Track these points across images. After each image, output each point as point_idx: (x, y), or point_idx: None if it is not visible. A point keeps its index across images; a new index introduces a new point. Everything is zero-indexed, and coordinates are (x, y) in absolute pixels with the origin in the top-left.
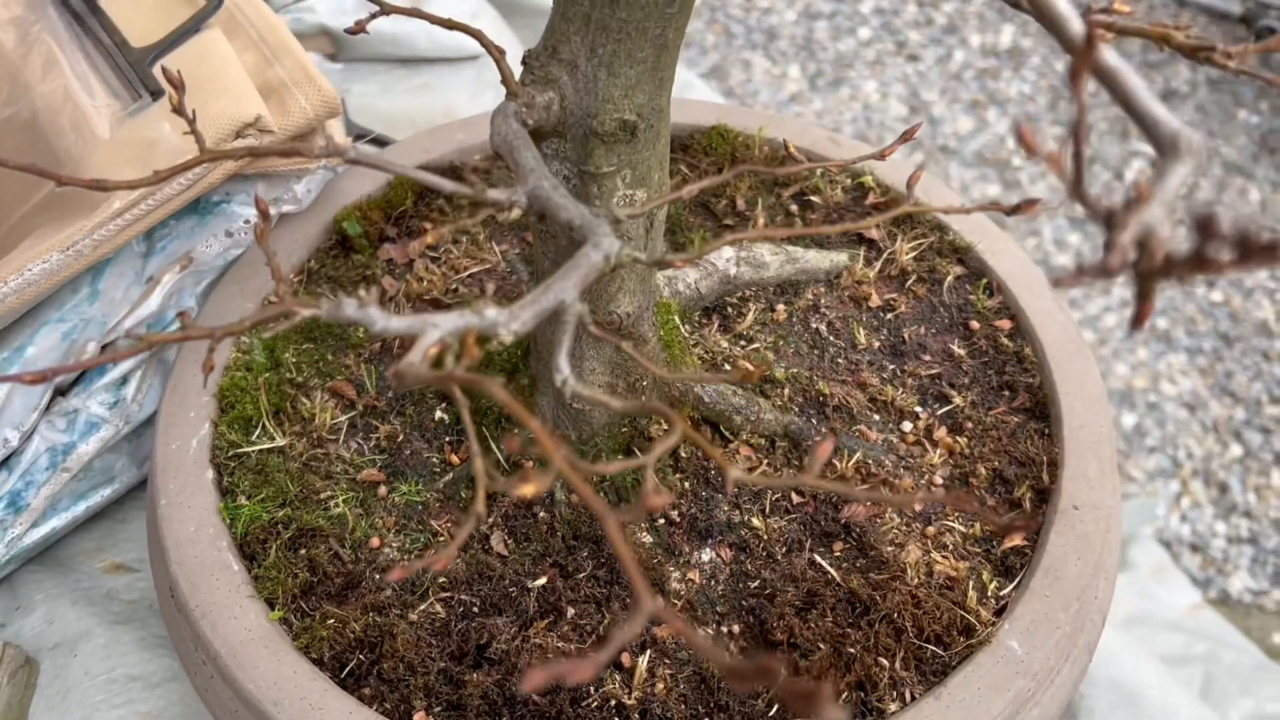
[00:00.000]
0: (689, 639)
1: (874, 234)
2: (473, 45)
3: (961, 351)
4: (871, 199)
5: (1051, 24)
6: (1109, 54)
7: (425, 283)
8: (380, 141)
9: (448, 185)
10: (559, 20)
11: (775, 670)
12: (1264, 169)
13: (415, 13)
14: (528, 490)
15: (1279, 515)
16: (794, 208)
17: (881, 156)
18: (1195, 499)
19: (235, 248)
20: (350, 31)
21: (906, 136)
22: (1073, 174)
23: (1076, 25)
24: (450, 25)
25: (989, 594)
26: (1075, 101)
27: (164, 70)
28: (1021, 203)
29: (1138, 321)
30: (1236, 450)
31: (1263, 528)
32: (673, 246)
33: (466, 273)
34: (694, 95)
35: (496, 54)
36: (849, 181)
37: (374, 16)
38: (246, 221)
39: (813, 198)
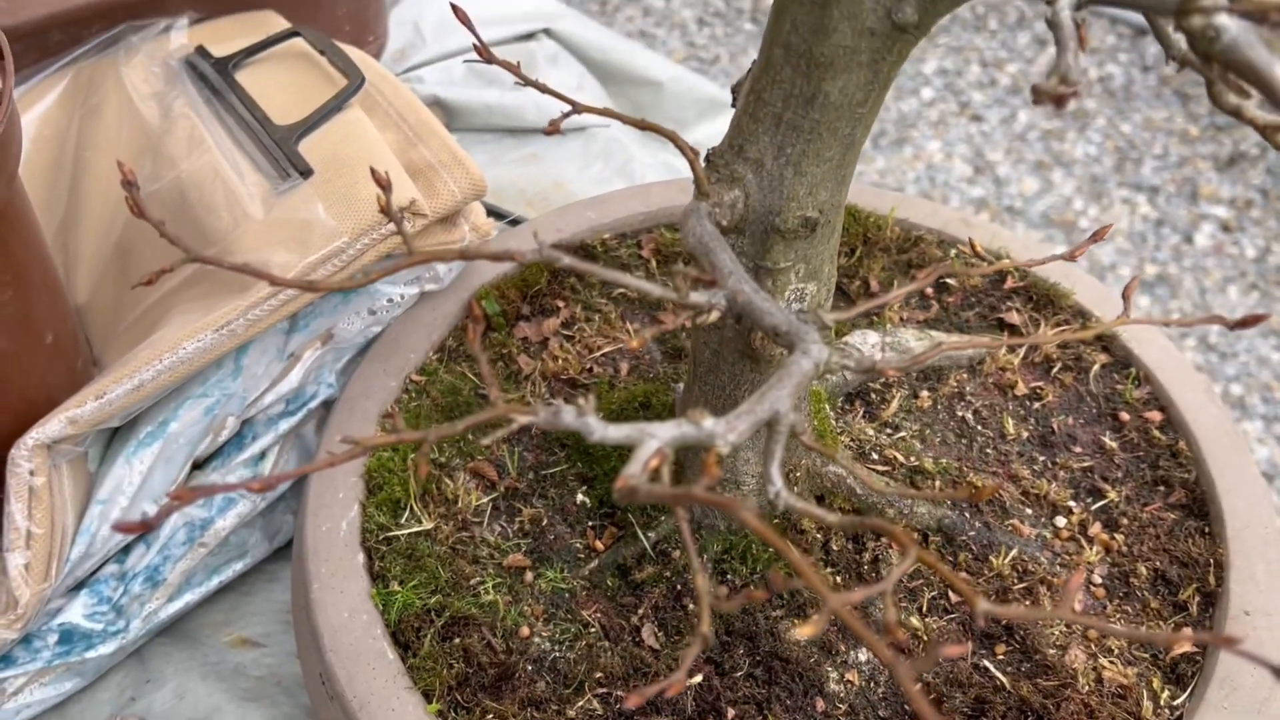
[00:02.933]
0: None
1: (1015, 319)
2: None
3: (1113, 444)
4: (1010, 283)
5: None
6: None
7: (560, 361)
8: (515, 222)
9: (655, 290)
10: (746, 120)
11: None
12: None
13: (608, 112)
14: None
15: None
16: (929, 291)
17: (1071, 257)
18: None
19: (375, 325)
20: (546, 132)
21: (1097, 237)
22: None
23: None
24: (643, 126)
25: (1162, 703)
26: None
27: (373, 171)
28: (1247, 317)
29: None
30: None
31: None
32: None
33: (600, 351)
34: None
35: (691, 155)
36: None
37: (566, 116)
38: (389, 300)
39: (949, 280)
